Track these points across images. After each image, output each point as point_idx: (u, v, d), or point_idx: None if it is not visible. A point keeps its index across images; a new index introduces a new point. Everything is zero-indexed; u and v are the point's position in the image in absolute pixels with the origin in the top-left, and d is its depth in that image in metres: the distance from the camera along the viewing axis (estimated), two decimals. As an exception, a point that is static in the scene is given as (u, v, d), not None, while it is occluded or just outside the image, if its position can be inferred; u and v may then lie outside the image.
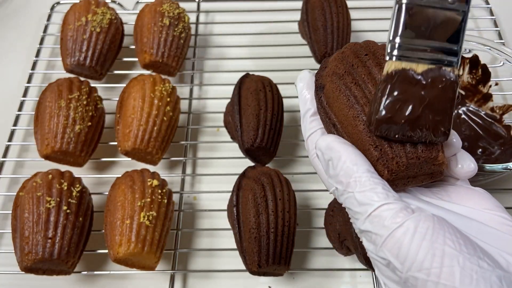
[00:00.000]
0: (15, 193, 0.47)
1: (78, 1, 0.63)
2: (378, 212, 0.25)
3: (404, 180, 0.28)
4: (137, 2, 0.72)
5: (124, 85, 0.58)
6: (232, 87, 0.55)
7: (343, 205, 0.28)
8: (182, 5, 0.66)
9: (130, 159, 0.54)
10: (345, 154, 0.28)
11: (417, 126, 0.27)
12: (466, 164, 0.29)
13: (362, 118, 0.28)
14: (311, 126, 0.33)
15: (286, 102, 0.56)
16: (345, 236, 0.44)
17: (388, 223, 0.25)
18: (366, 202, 0.26)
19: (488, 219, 0.28)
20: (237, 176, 0.48)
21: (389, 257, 0.25)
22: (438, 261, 0.23)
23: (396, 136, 0.27)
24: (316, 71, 0.34)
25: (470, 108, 0.56)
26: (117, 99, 0.57)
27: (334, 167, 0.28)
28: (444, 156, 0.28)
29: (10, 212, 0.47)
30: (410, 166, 0.27)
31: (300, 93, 0.34)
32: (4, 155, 0.57)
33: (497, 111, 0.55)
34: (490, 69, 0.55)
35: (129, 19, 0.68)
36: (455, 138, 0.29)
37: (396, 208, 0.25)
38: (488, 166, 0.44)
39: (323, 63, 0.33)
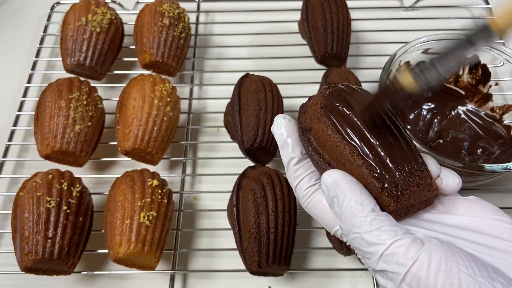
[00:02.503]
0: (15, 193, 0.47)
1: (78, 1, 0.63)
2: (390, 251, 0.26)
3: (405, 209, 0.29)
4: (137, 2, 0.72)
5: (124, 85, 0.58)
6: (232, 87, 0.55)
7: (350, 245, 0.29)
8: (182, 5, 0.66)
9: (130, 159, 0.54)
10: (351, 192, 0.28)
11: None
12: (450, 180, 0.31)
13: (359, 153, 0.29)
14: (297, 175, 0.33)
15: (286, 102, 0.56)
16: (345, 236, 0.44)
17: (403, 260, 0.25)
18: (376, 242, 0.26)
19: (489, 225, 0.29)
20: (237, 176, 0.48)
21: None
22: None
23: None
24: (285, 115, 0.35)
25: (470, 108, 0.56)
26: (117, 99, 0.57)
27: (339, 205, 0.28)
28: (435, 183, 0.30)
29: (10, 212, 0.47)
30: (412, 194, 0.28)
31: (279, 139, 0.34)
32: (4, 155, 0.57)
33: (497, 111, 0.55)
34: (490, 69, 0.55)
35: (129, 19, 0.68)
36: (434, 164, 0.31)
37: (407, 242, 0.26)
38: (488, 166, 0.44)
39: (302, 108, 0.34)
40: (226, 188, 0.51)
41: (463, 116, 0.56)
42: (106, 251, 0.46)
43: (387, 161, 0.29)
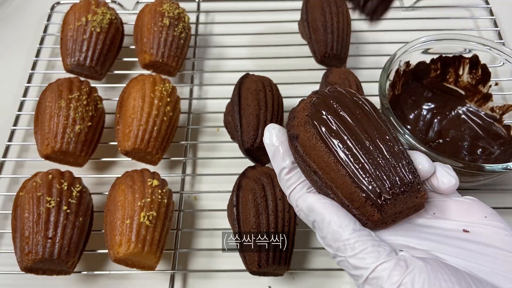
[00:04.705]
0: (15, 193, 0.47)
1: (78, 1, 0.63)
2: (374, 275, 0.26)
3: (391, 217, 0.29)
4: (137, 2, 0.72)
5: (124, 85, 0.58)
6: (232, 87, 0.55)
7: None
8: (182, 5, 0.66)
9: (130, 159, 0.54)
10: (328, 217, 0.28)
11: None
12: (446, 180, 0.30)
13: (343, 163, 0.29)
14: (289, 184, 0.33)
15: (286, 102, 0.56)
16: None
17: (386, 285, 0.26)
18: (360, 266, 0.27)
19: (483, 232, 0.29)
20: (237, 176, 0.48)
21: None
22: None
23: None
24: (274, 125, 0.34)
25: (470, 108, 0.56)
26: (117, 99, 0.57)
27: (320, 229, 0.29)
28: (424, 189, 0.30)
29: (10, 212, 0.47)
30: (397, 202, 0.28)
31: (270, 150, 0.34)
32: (4, 155, 0.57)
33: (497, 111, 0.55)
34: (490, 69, 0.55)
35: (129, 19, 0.68)
36: (427, 162, 0.30)
37: (390, 266, 0.26)
38: (488, 166, 0.44)
39: (291, 113, 0.34)
40: (226, 188, 0.51)
41: (463, 116, 0.56)
42: (106, 251, 0.46)
43: (371, 170, 0.29)
